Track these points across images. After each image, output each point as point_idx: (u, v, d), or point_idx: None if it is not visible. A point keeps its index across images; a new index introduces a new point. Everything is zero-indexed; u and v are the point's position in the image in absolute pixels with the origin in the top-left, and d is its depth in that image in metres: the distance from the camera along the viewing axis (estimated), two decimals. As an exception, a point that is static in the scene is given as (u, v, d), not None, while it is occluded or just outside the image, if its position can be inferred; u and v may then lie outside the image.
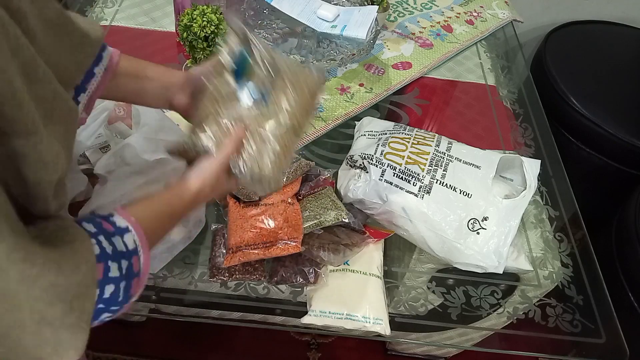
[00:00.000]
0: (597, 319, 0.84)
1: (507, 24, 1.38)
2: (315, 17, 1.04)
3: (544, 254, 0.89)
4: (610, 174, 1.41)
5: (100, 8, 1.19)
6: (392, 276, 0.85)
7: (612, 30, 1.62)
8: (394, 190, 0.82)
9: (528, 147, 1.08)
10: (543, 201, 0.97)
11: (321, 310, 0.76)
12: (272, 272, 0.79)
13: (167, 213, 0.54)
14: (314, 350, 1.37)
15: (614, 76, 1.47)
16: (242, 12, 1.04)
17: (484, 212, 0.80)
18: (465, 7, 1.40)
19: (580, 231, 0.95)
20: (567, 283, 0.87)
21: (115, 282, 0.43)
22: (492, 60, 1.27)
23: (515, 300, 0.86)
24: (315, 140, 0.99)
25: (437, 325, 0.83)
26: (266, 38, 1.01)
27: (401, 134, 0.91)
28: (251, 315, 0.87)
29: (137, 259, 0.46)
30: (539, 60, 1.51)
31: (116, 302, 0.43)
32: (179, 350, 1.31)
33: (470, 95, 1.17)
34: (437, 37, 1.28)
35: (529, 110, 1.17)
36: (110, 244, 0.43)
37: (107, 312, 0.43)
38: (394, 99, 1.13)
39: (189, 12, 0.88)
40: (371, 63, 1.18)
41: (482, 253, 0.78)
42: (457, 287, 0.85)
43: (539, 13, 1.66)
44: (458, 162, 0.85)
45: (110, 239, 0.43)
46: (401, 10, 1.35)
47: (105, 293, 0.42)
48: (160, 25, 1.18)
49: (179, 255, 0.79)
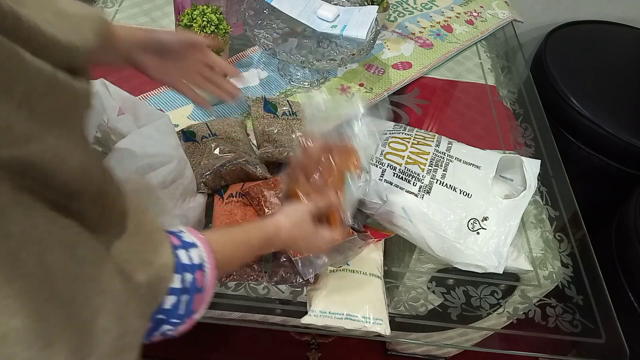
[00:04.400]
0: (597, 319, 0.84)
1: (507, 24, 1.38)
2: (315, 17, 1.04)
3: (544, 254, 0.89)
4: (610, 174, 1.41)
5: (100, 8, 1.19)
6: (392, 276, 0.84)
7: (612, 30, 1.62)
8: (394, 190, 0.82)
9: (528, 147, 1.08)
10: (543, 201, 0.97)
11: (321, 311, 0.76)
12: (271, 272, 0.79)
13: (244, 240, 0.52)
14: (314, 350, 1.37)
15: (614, 76, 1.47)
16: (242, 12, 1.04)
17: (484, 212, 0.80)
18: (465, 7, 1.40)
19: (580, 231, 0.95)
20: (567, 283, 0.87)
21: (177, 293, 0.42)
22: (492, 60, 1.27)
23: (515, 300, 0.86)
24: (315, 140, 0.99)
25: (437, 325, 0.83)
26: (266, 38, 1.01)
27: (401, 134, 0.91)
28: (251, 315, 0.87)
29: (202, 274, 0.44)
30: (539, 60, 1.51)
31: (176, 315, 0.42)
32: (179, 350, 1.31)
33: (470, 95, 1.16)
34: (437, 37, 1.28)
35: (529, 110, 1.17)
36: (175, 256, 0.42)
37: (167, 325, 0.43)
38: (394, 99, 1.13)
39: (188, 12, 0.88)
40: (371, 63, 1.18)
41: (482, 253, 0.78)
42: (457, 287, 0.85)
43: (539, 13, 1.66)
44: (458, 162, 0.85)
45: (174, 250, 0.42)
46: (401, 10, 1.35)
47: (165, 303, 0.41)
48: (160, 25, 1.18)
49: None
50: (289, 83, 1.10)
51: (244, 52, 1.15)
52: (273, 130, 0.92)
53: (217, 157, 0.83)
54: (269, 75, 1.12)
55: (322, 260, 0.75)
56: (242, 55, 1.14)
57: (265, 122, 0.94)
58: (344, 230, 0.66)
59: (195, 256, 0.44)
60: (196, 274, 0.43)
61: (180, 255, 0.43)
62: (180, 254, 0.43)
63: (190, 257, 0.44)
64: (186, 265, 0.43)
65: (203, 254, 0.45)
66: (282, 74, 1.12)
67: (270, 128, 0.93)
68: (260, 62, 1.14)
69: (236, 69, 0.67)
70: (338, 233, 0.64)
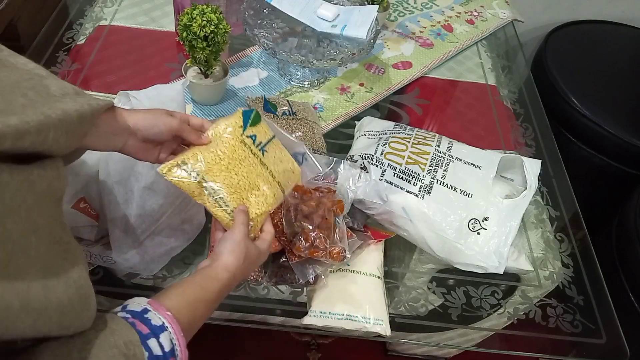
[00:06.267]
0: (597, 320, 0.84)
1: (507, 24, 1.38)
2: (315, 17, 1.04)
3: (545, 254, 0.89)
4: (610, 174, 1.41)
5: (99, 8, 1.19)
6: (393, 276, 0.84)
7: (612, 30, 1.61)
8: (394, 190, 0.81)
9: (528, 147, 1.08)
10: (544, 201, 0.97)
11: (321, 311, 0.76)
12: (272, 273, 0.78)
13: (202, 298, 0.50)
14: (314, 351, 1.37)
15: (614, 76, 1.47)
16: (242, 11, 1.04)
17: (484, 212, 0.80)
18: (466, 6, 1.40)
19: (580, 231, 0.95)
20: (567, 283, 0.87)
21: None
22: (492, 60, 1.27)
23: (516, 300, 0.86)
24: (315, 140, 0.99)
25: (438, 326, 0.82)
26: (266, 38, 1.00)
27: (401, 134, 0.90)
28: (251, 315, 0.86)
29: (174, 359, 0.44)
30: (540, 60, 1.51)
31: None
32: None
33: (470, 95, 1.16)
34: (437, 36, 1.28)
35: (530, 110, 1.17)
36: (147, 350, 0.42)
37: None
38: (394, 99, 1.13)
39: (188, 11, 0.88)
40: (371, 63, 1.18)
41: (483, 253, 0.78)
42: (458, 287, 0.84)
43: (539, 13, 1.66)
44: (458, 162, 0.85)
45: (145, 341, 0.42)
46: (401, 9, 1.35)
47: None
48: (159, 25, 1.18)
49: (179, 256, 0.79)
50: (289, 83, 1.10)
51: (244, 52, 1.15)
52: (273, 130, 0.92)
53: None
54: (268, 74, 1.11)
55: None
56: (242, 55, 1.14)
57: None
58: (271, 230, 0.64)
59: (166, 342, 0.43)
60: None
61: (152, 347, 0.42)
62: (151, 345, 0.42)
63: (161, 346, 0.43)
64: (159, 357, 0.42)
65: (173, 337, 0.44)
66: (282, 74, 1.11)
67: (270, 128, 0.92)
68: (260, 61, 1.14)
69: (208, 123, 0.63)
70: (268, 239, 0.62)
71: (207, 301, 0.51)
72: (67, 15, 1.18)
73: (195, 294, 0.50)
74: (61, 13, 1.17)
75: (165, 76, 1.05)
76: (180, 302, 0.48)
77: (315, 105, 1.05)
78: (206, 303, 0.51)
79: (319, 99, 1.07)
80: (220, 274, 0.53)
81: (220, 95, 1.02)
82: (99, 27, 1.14)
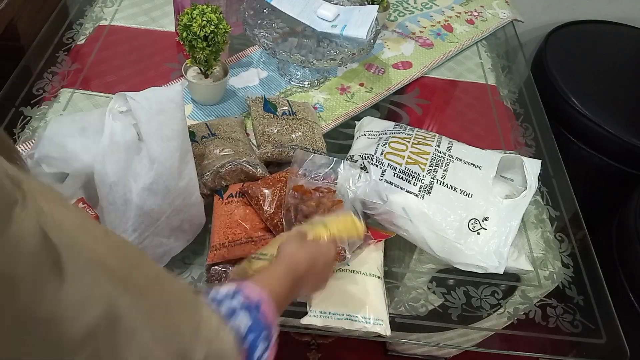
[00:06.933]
0: (597, 320, 0.84)
1: (507, 24, 1.38)
2: (315, 17, 1.04)
3: (545, 254, 0.89)
4: (610, 174, 1.41)
5: (99, 8, 1.19)
6: (393, 276, 0.84)
7: (612, 30, 1.61)
8: (394, 190, 0.81)
9: (528, 147, 1.08)
10: (544, 201, 0.97)
11: (321, 311, 0.76)
12: (272, 273, 0.78)
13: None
14: (314, 351, 1.37)
15: (614, 76, 1.47)
16: (242, 11, 1.04)
17: (484, 212, 0.80)
18: (466, 6, 1.40)
19: (580, 231, 0.94)
20: (567, 283, 0.87)
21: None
22: (492, 60, 1.27)
23: (516, 300, 0.86)
24: (315, 140, 0.99)
25: (438, 326, 0.82)
26: (266, 37, 1.00)
27: (401, 134, 0.90)
28: (251, 315, 0.86)
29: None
30: (540, 60, 1.51)
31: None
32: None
33: (470, 95, 1.16)
34: (437, 36, 1.28)
35: (530, 110, 1.16)
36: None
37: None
38: (394, 99, 1.12)
39: (188, 11, 0.88)
40: (371, 63, 1.18)
41: (483, 253, 0.78)
42: (458, 287, 0.84)
43: (539, 13, 1.66)
44: (458, 162, 0.85)
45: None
46: (401, 9, 1.35)
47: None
48: (159, 25, 1.18)
49: (179, 255, 0.79)
50: (289, 83, 1.10)
51: (244, 52, 1.15)
52: (273, 130, 0.92)
53: (217, 157, 0.83)
54: (268, 74, 1.11)
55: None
56: (242, 55, 1.14)
57: (265, 122, 0.94)
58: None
59: (262, 344, 0.46)
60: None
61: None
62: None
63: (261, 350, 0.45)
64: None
65: (271, 335, 0.47)
66: (282, 74, 1.11)
67: (270, 128, 0.92)
68: (260, 61, 1.14)
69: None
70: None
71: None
72: (67, 15, 1.18)
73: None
74: (61, 13, 1.17)
75: (165, 76, 1.05)
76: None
77: (315, 105, 1.05)
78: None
79: (319, 99, 1.07)
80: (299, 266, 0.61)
81: (220, 95, 1.02)
82: (99, 27, 1.14)
